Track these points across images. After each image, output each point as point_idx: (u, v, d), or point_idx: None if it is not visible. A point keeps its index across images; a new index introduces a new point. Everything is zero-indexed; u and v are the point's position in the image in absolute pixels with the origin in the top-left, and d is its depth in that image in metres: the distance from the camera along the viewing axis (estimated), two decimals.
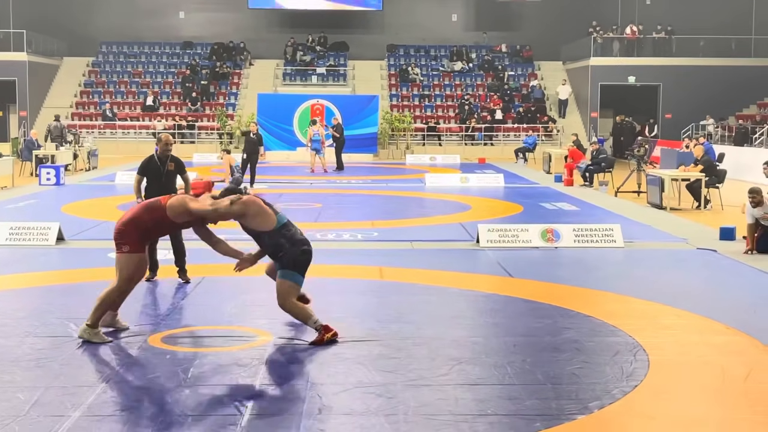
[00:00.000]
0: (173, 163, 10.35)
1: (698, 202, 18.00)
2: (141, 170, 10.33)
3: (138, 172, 10.37)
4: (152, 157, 10.37)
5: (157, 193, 10.10)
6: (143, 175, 10.30)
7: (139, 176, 10.33)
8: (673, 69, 37.37)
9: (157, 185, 10.13)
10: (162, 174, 10.24)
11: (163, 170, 10.25)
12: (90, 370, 6.71)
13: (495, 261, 11.63)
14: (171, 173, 10.33)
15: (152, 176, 10.25)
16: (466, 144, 36.88)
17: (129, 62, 41.35)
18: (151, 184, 10.22)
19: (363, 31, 42.38)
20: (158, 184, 10.15)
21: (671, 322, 8.34)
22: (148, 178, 10.27)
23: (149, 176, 10.27)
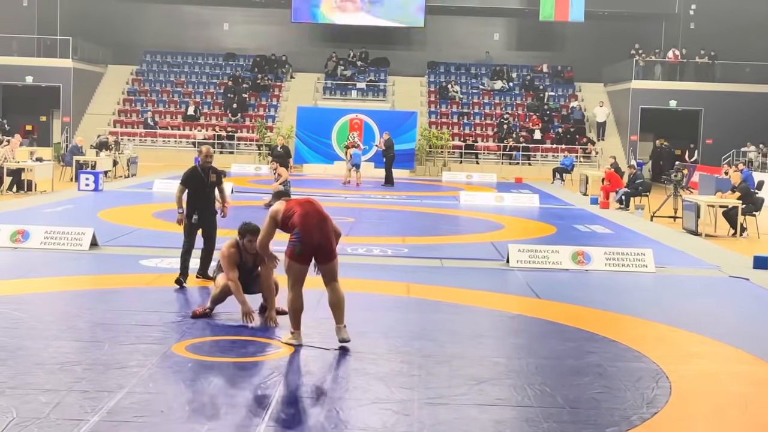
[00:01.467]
0: (215, 175, 10.54)
1: (734, 230, 17.81)
2: (184, 181, 10.48)
3: (181, 182, 10.51)
4: (195, 168, 10.54)
5: (200, 204, 10.30)
6: (186, 186, 10.44)
7: (182, 187, 10.47)
8: (716, 94, 37.06)
9: (200, 196, 10.37)
10: (205, 185, 10.41)
11: (206, 181, 10.42)
12: (113, 375, 6.78)
13: (524, 282, 11.59)
14: (213, 184, 10.54)
15: (195, 187, 10.43)
16: (503, 163, 36.80)
17: (172, 72, 41.83)
18: (193, 195, 10.41)
19: (404, 47, 42.52)
20: (201, 194, 10.39)
21: (697, 349, 8.26)
22: (191, 189, 10.43)
23: (192, 187, 10.43)
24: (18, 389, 6.33)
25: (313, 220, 7.69)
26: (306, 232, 7.60)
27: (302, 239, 7.59)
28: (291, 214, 7.75)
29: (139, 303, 9.48)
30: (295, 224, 7.68)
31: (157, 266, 11.76)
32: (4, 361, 7.03)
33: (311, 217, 7.70)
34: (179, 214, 10.46)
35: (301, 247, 7.60)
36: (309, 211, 7.74)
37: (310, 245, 7.61)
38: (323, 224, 7.73)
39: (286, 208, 7.83)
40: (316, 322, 8.40)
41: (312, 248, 7.64)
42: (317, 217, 7.74)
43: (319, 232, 7.66)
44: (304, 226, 7.63)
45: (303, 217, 7.67)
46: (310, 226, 7.64)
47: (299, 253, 7.61)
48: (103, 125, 37.17)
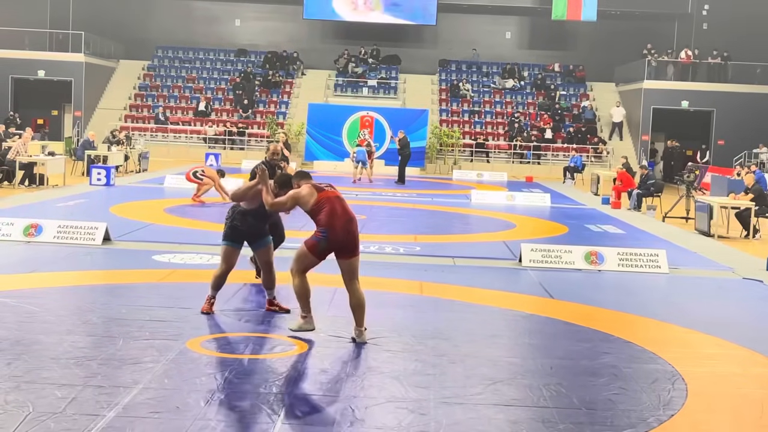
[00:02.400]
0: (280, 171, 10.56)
1: (747, 231, 17.75)
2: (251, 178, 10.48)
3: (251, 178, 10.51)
4: (263, 164, 10.53)
5: None
6: None
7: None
8: (728, 95, 36.93)
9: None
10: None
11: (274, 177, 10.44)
12: (128, 371, 6.78)
13: (536, 281, 11.56)
14: None
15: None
16: (514, 162, 36.74)
17: (183, 67, 41.87)
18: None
19: (416, 45, 42.48)
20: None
21: (712, 351, 8.23)
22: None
23: None
24: (34, 383, 6.33)
25: (341, 221, 7.70)
26: (332, 231, 7.65)
27: (328, 237, 7.63)
28: (319, 208, 7.74)
29: (153, 298, 9.48)
30: (321, 221, 7.69)
31: (170, 261, 11.77)
32: (20, 356, 7.04)
33: (339, 217, 7.71)
34: None
35: (326, 245, 7.65)
36: (338, 210, 7.73)
37: (334, 243, 7.66)
38: (350, 224, 7.75)
39: (318, 199, 7.77)
40: (330, 319, 8.38)
41: (336, 246, 7.68)
42: (345, 216, 7.75)
43: (345, 232, 7.68)
44: (331, 226, 7.66)
45: (331, 215, 7.68)
46: (338, 227, 7.67)
47: (322, 250, 7.68)
48: (115, 120, 37.23)
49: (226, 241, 8.78)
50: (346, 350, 7.67)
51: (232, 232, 8.75)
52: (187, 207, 18.61)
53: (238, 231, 8.74)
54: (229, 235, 8.77)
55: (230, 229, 8.76)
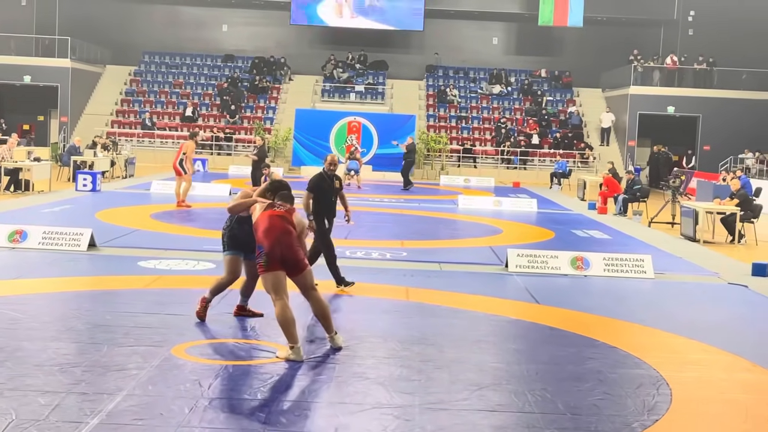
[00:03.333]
0: (338, 181, 10.63)
1: (732, 236, 17.82)
2: (312, 188, 10.46)
3: (308, 189, 10.49)
4: (322, 175, 10.54)
5: (326, 210, 10.31)
6: (314, 193, 10.42)
7: (310, 193, 10.45)
8: (714, 101, 37.12)
9: (327, 202, 10.42)
10: (332, 191, 10.46)
11: (332, 187, 10.48)
12: (112, 377, 6.75)
13: (522, 287, 11.58)
14: (336, 190, 10.56)
15: (323, 193, 10.44)
16: (500, 167, 36.80)
17: (170, 72, 41.80)
18: (319, 201, 10.41)
19: (403, 50, 42.54)
20: (328, 200, 10.43)
21: (697, 357, 8.25)
22: (317, 195, 10.43)
23: (319, 193, 10.42)
24: (17, 390, 6.30)
25: (273, 233, 7.66)
26: (269, 246, 7.60)
27: (265, 252, 7.60)
28: (258, 225, 7.76)
29: (138, 305, 9.44)
30: (258, 238, 7.70)
31: (156, 268, 11.73)
32: (3, 362, 7.00)
33: (273, 230, 7.68)
34: (309, 221, 10.31)
35: (267, 259, 7.59)
36: (272, 225, 7.71)
37: (273, 257, 7.59)
38: (285, 237, 7.68)
39: (258, 218, 7.81)
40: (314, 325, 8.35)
41: (276, 259, 7.60)
42: (278, 230, 7.69)
43: (280, 245, 7.62)
44: (266, 239, 7.63)
45: (266, 232, 7.67)
46: (272, 239, 7.62)
47: (266, 263, 7.59)
48: (101, 125, 37.14)
49: (230, 251, 8.74)
50: (330, 356, 7.66)
51: (233, 241, 8.71)
52: (173, 213, 18.57)
53: (238, 240, 8.69)
54: (230, 244, 8.72)
55: (230, 239, 8.71)
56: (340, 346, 7.86)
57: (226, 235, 8.78)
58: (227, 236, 8.75)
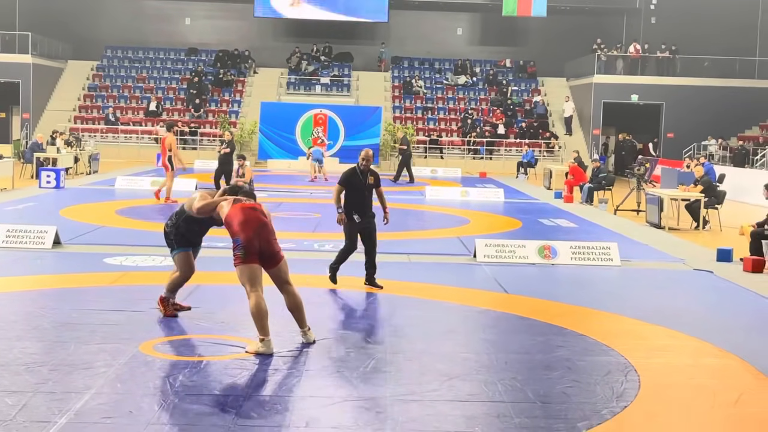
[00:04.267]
0: (373, 177, 10.54)
1: (697, 223, 17.99)
2: (343, 181, 10.46)
3: (339, 182, 10.50)
4: (354, 169, 10.51)
5: (358, 205, 10.30)
6: (344, 187, 10.42)
7: (340, 187, 10.45)
8: (677, 89, 37.44)
9: (357, 197, 10.38)
10: (363, 187, 10.39)
11: (364, 183, 10.38)
12: (80, 376, 6.68)
13: (491, 276, 11.62)
14: (370, 186, 10.51)
15: (353, 188, 10.42)
16: (467, 157, 36.89)
17: (133, 67, 41.44)
18: (351, 196, 10.41)
19: (368, 42, 42.48)
20: (359, 196, 10.39)
21: (664, 343, 8.32)
22: (349, 190, 10.42)
23: (350, 188, 10.41)
24: None
25: (251, 226, 7.64)
26: (246, 238, 7.56)
27: (243, 244, 7.55)
28: (231, 219, 7.72)
29: (105, 302, 9.35)
30: (235, 231, 7.64)
31: (122, 264, 11.64)
32: None
33: (250, 223, 7.66)
34: (339, 213, 10.40)
35: (245, 251, 7.54)
36: (248, 217, 7.70)
37: (251, 248, 7.55)
38: (262, 230, 7.68)
39: (230, 212, 7.78)
40: (285, 319, 8.29)
41: (254, 252, 7.57)
42: (256, 222, 7.69)
43: (258, 237, 7.60)
44: (243, 232, 7.59)
45: (242, 224, 7.63)
46: (250, 232, 7.59)
47: (244, 255, 7.54)
48: (64, 121, 36.75)
49: (180, 248, 8.65)
50: (300, 350, 7.64)
51: (181, 239, 8.63)
52: (138, 208, 18.42)
53: (185, 237, 8.63)
54: (179, 242, 8.64)
55: (177, 237, 8.62)
56: (312, 341, 7.84)
57: (172, 234, 8.63)
58: (174, 234, 8.62)
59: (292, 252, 10.96)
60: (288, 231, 14.41)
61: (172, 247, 8.69)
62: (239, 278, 7.66)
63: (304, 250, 13.12)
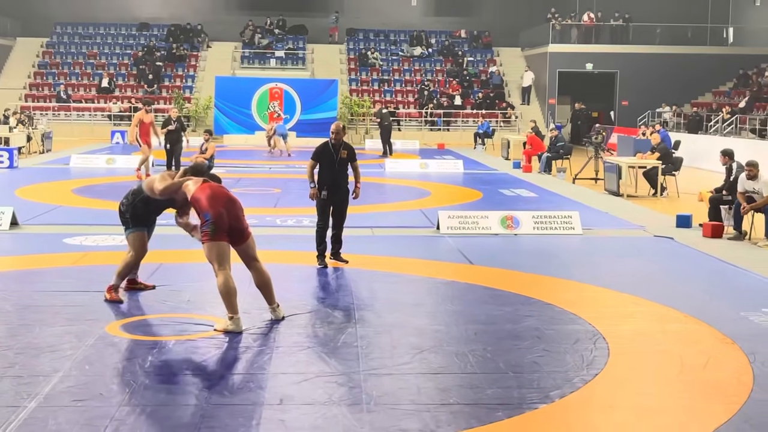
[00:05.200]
0: (346, 151, 10.39)
1: (654, 190, 18.17)
2: (315, 156, 10.39)
3: (312, 157, 10.43)
4: (326, 144, 10.41)
5: (330, 179, 10.18)
6: (317, 161, 10.35)
7: (313, 162, 10.39)
8: (630, 56, 37.67)
9: (329, 171, 10.26)
10: (335, 161, 10.27)
11: (336, 157, 10.28)
12: (46, 359, 6.58)
13: (455, 248, 11.63)
14: (343, 160, 10.37)
15: (326, 162, 10.32)
16: (425, 129, 36.87)
17: (84, 43, 40.75)
18: (324, 170, 10.31)
19: (322, 14, 42.15)
20: (331, 170, 10.27)
21: (630, 310, 8.40)
22: (322, 164, 10.33)
23: (323, 162, 10.32)
24: None
25: (221, 200, 7.59)
26: (215, 213, 7.48)
27: (213, 220, 7.47)
28: (199, 196, 7.62)
29: (67, 283, 9.22)
30: (203, 207, 7.55)
31: (82, 244, 11.47)
32: None
33: (219, 198, 7.61)
34: (311, 188, 10.34)
35: (214, 227, 7.46)
36: (217, 192, 7.65)
37: (221, 225, 7.48)
38: (231, 205, 7.63)
39: (197, 190, 7.69)
40: (252, 296, 8.22)
41: (224, 228, 7.50)
42: (225, 198, 7.65)
43: (227, 212, 7.55)
44: (213, 207, 7.51)
45: (211, 199, 7.56)
46: (220, 207, 7.52)
47: (213, 232, 7.46)
48: (14, 100, 36.05)
49: (135, 227, 8.52)
50: (269, 327, 7.60)
51: (137, 219, 8.50)
52: (96, 187, 18.18)
53: (140, 217, 8.51)
54: (134, 221, 8.51)
55: (134, 217, 8.50)
56: (281, 318, 7.80)
57: (128, 213, 8.50)
58: (130, 214, 8.50)
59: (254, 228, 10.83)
60: (249, 207, 14.20)
61: (126, 226, 8.57)
62: (207, 256, 7.58)
63: (267, 226, 13.04)
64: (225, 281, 7.43)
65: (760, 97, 30.94)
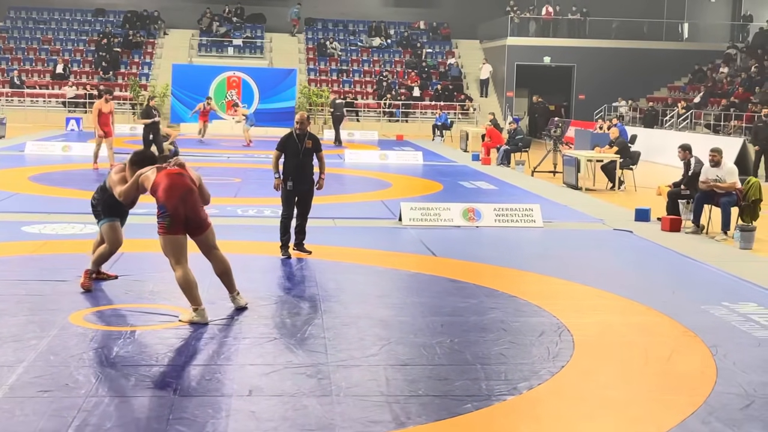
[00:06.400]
0: (310, 141, 10.32)
1: (612, 183, 18.37)
2: (279, 146, 10.34)
3: (276, 147, 10.38)
4: (291, 134, 10.36)
5: (294, 170, 10.14)
6: (281, 151, 10.29)
7: (278, 152, 10.33)
8: (587, 50, 37.97)
9: (294, 161, 10.20)
10: (299, 151, 10.20)
11: (300, 147, 10.21)
12: (9, 349, 6.49)
13: (418, 239, 11.67)
14: (308, 150, 10.30)
15: (290, 153, 10.25)
16: (383, 120, 36.87)
17: (38, 28, 40.13)
18: (288, 160, 10.25)
19: (281, 3, 41.91)
20: (296, 160, 10.21)
21: (593, 302, 8.49)
22: (287, 155, 10.27)
23: (287, 153, 10.26)
24: None
25: (177, 193, 7.44)
26: (172, 206, 7.37)
27: (169, 212, 7.37)
28: (156, 186, 7.50)
29: (27, 272, 9.09)
30: (159, 198, 7.43)
31: (41, 233, 11.32)
32: None
33: (175, 189, 7.46)
34: (275, 179, 10.30)
35: (171, 221, 7.37)
36: (174, 183, 7.50)
37: (177, 217, 7.38)
38: (188, 195, 7.49)
39: (156, 179, 7.56)
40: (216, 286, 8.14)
41: (181, 220, 7.41)
42: (182, 188, 7.49)
43: (184, 204, 7.42)
44: (168, 200, 7.39)
45: (167, 190, 7.43)
46: (175, 199, 7.40)
47: (169, 225, 7.37)
48: None
49: (107, 218, 8.43)
50: (234, 318, 7.56)
51: (109, 210, 8.41)
52: (52, 174, 17.93)
53: (113, 208, 8.42)
54: (107, 212, 8.42)
55: (105, 208, 8.41)
56: (244, 306, 7.77)
57: (100, 205, 8.44)
58: (102, 206, 8.42)
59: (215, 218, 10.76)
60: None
61: (98, 218, 8.48)
62: (163, 249, 7.50)
63: (227, 216, 12.96)
64: (184, 275, 7.36)
65: (714, 92, 31.38)
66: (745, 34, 38.46)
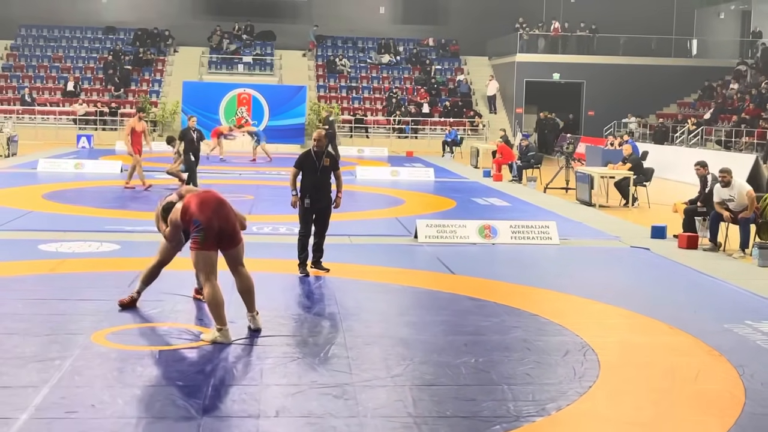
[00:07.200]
0: (328, 159, 10.30)
1: (626, 200, 18.31)
2: (298, 164, 10.31)
3: (295, 165, 10.35)
4: (309, 151, 10.32)
5: (312, 187, 10.12)
6: (299, 169, 10.27)
7: (296, 169, 10.31)
8: (596, 67, 37.98)
9: (311, 179, 10.17)
10: (317, 169, 10.18)
11: (318, 165, 10.18)
12: (33, 369, 6.46)
13: (434, 257, 11.63)
14: (326, 168, 10.27)
15: (308, 170, 10.22)
16: (392, 137, 36.89)
17: (49, 46, 40.29)
18: (306, 178, 10.22)
19: (290, 20, 42.03)
20: (313, 178, 10.18)
21: (616, 321, 8.44)
22: (304, 172, 10.24)
23: (305, 170, 10.23)
24: None
25: (210, 204, 7.46)
26: (205, 219, 7.36)
27: (203, 227, 7.35)
28: (188, 206, 7.50)
29: (46, 291, 9.07)
30: (193, 214, 7.42)
31: (58, 251, 11.30)
32: None
33: (208, 201, 7.49)
34: (293, 196, 10.29)
35: (204, 235, 7.35)
36: (205, 197, 7.54)
37: (212, 231, 7.37)
38: (221, 208, 7.50)
39: (185, 203, 7.56)
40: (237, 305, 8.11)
41: (215, 233, 7.40)
42: (215, 201, 7.52)
43: (217, 215, 7.42)
44: (202, 212, 7.38)
45: (200, 205, 7.43)
46: (209, 211, 7.41)
47: (203, 240, 7.35)
48: None
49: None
50: (256, 338, 7.52)
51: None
52: (66, 192, 17.94)
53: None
54: None
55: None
56: (260, 327, 7.69)
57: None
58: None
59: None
60: None
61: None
62: (194, 264, 7.49)
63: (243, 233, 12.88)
64: (213, 293, 7.34)
65: (724, 108, 31.35)
66: (755, 50, 38.44)
